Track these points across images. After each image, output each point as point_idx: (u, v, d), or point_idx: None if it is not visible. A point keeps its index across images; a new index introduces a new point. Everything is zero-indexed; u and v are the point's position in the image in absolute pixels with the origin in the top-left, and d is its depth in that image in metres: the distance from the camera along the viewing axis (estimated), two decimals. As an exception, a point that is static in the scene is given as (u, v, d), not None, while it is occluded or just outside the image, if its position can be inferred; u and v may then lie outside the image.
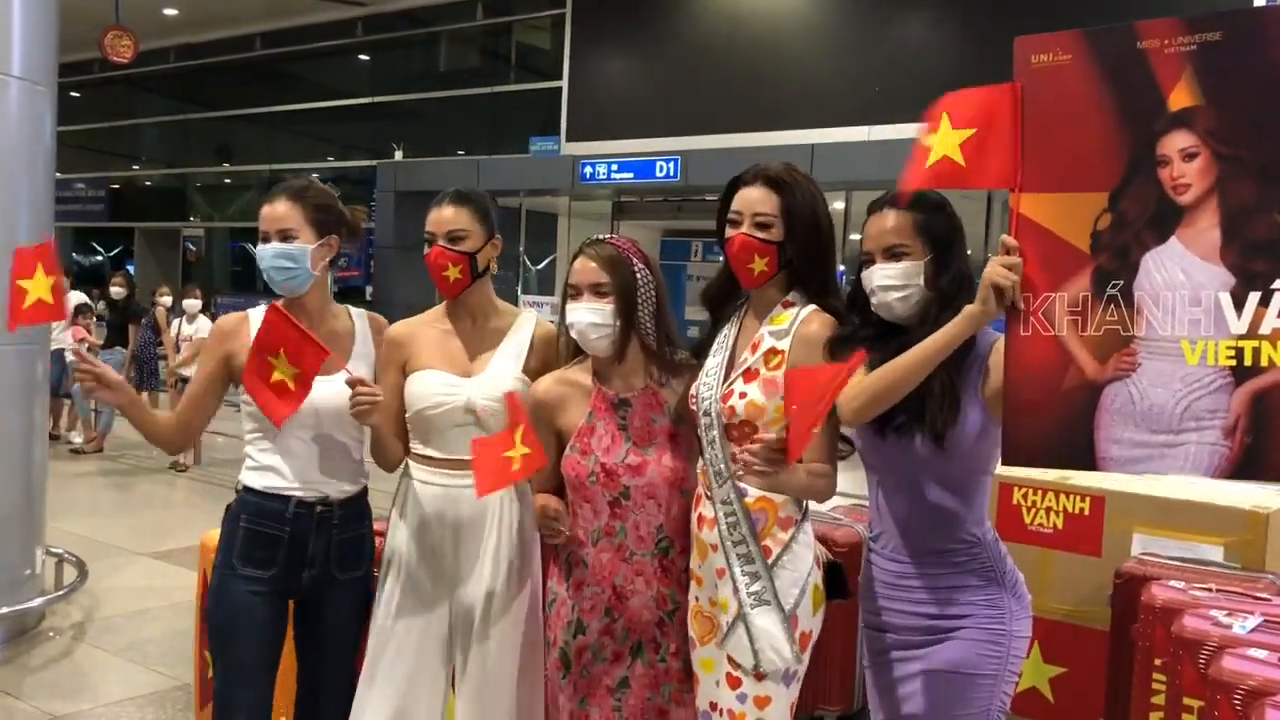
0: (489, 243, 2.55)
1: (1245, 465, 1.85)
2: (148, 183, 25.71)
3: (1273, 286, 1.80)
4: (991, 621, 2.12)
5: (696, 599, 2.30)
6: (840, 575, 2.31)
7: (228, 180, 23.76)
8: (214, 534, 3.37)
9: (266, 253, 2.48)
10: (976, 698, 2.11)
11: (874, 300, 2.14)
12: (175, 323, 9.72)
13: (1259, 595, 2.86)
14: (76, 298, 10.87)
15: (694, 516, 2.31)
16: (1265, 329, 1.80)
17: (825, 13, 14.39)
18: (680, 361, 2.42)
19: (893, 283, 2.10)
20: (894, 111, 12.34)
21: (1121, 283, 1.90)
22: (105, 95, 23.29)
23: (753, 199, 2.28)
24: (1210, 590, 2.85)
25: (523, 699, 2.52)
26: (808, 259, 2.28)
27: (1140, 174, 1.88)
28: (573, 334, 2.35)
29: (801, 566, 2.22)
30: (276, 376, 2.28)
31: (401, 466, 2.61)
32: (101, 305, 11.75)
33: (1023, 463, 2.06)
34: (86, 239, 26.45)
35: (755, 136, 13.57)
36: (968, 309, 1.95)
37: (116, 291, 10.32)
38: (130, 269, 21.62)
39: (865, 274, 2.15)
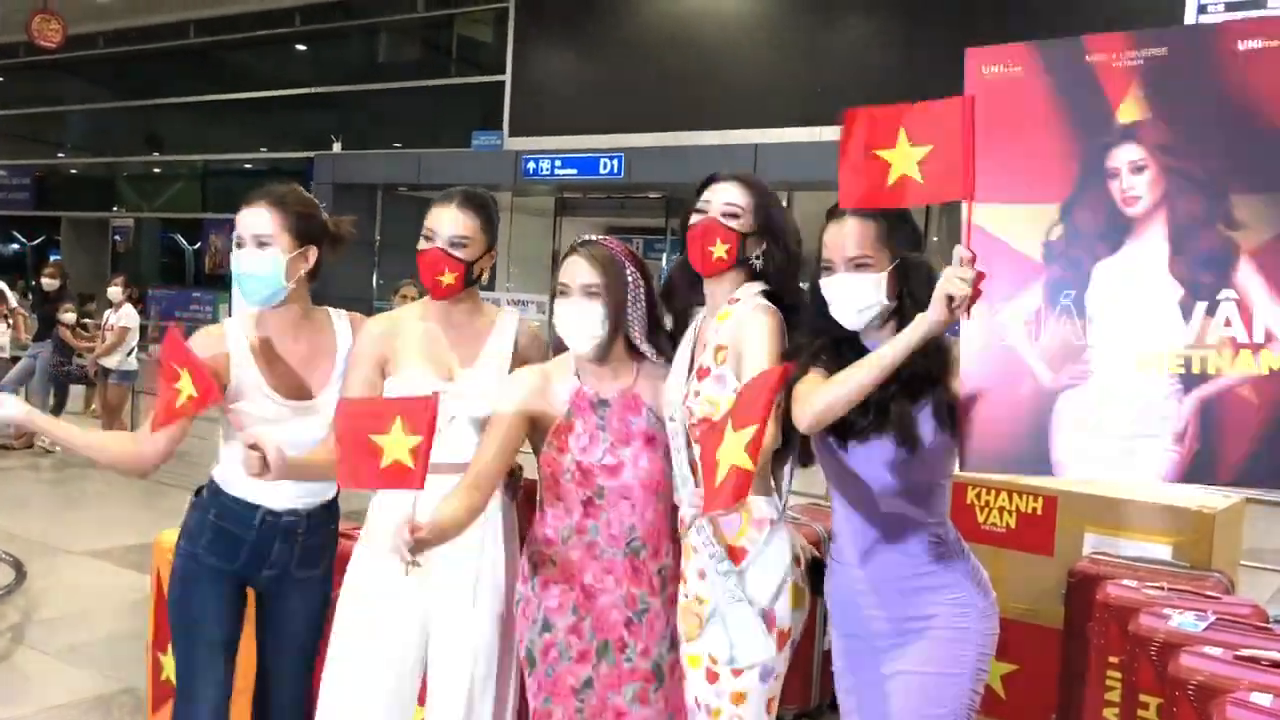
0: (487, 253, 2.51)
1: (1195, 469, 1.88)
2: (74, 171, 25.03)
3: (1218, 297, 1.84)
4: (959, 620, 2.16)
5: (685, 596, 2.30)
6: (823, 573, 2.33)
7: (157, 170, 23.22)
8: (170, 533, 3.33)
9: (240, 259, 2.38)
10: (947, 697, 2.14)
11: (832, 308, 2.15)
12: (106, 313, 9.50)
13: (1208, 594, 2.95)
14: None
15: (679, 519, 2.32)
16: (1212, 338, 1.84)
17: (770, 13, 14.49)
18: (665, 363, 2.40)
19: (855, 295, 2.11)
20: (837, 112, 12.36)
21: (1074, 293, 1.92)
22: (31, 80, 22.66)
23: (725, 189, 2.31)
24: (1163, 589, 2.93)
25: (498, 699, 2.51)
26: (777, 266, 2.31)
27: (1091, 186, 1.90)
28: (558, 332, 2.33)
29: (777, 565, 2.23)
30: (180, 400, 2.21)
31: None
32: (15, 297, 11.36)
33: (982, 469, 2.08)
34: (6, 227, 25.72)
35: (699, 135, 13.58)
36: (920, 317, 1.94)
37: (48, 283, 10.04)
38: (54, 258, 21.05)
39: (825, 282, 2.16)
